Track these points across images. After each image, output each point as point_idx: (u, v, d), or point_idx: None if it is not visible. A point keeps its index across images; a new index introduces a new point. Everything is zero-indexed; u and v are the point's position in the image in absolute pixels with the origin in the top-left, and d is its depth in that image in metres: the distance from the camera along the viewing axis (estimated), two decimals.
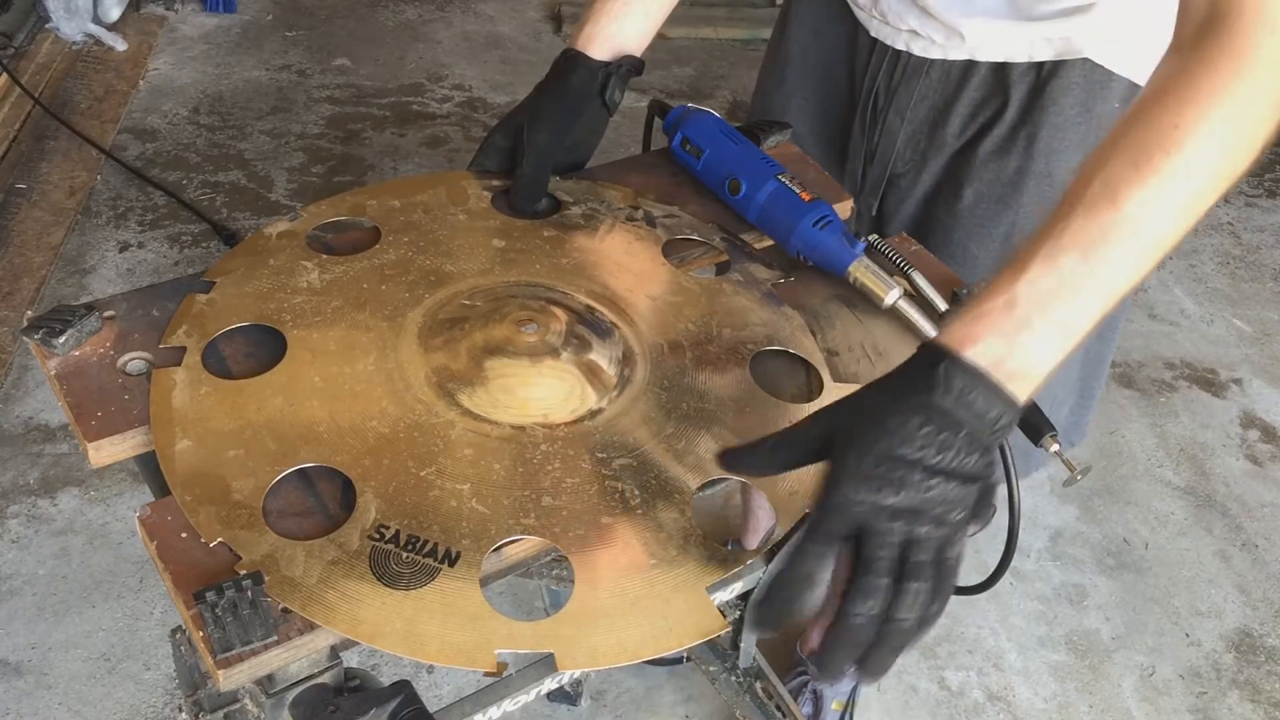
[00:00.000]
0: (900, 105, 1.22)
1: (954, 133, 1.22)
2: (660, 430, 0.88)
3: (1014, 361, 0.73)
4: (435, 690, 1.77)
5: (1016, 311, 0.74)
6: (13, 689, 1.73)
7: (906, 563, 0.70)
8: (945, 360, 0.72)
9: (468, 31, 3.66)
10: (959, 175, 1.23)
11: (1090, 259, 0.74)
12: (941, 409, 0.71)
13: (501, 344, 0.91)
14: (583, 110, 1.12)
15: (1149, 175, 0.75)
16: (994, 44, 1.15)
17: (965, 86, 1.18)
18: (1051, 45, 1.13)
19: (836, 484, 0.71)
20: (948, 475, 0.70)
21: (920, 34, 1.17)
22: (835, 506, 0.70)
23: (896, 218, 1.29)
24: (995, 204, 1.22)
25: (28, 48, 3.14)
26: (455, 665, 0.72)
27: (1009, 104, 1.17)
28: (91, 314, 0.90)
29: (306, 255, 1.01)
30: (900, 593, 0.69)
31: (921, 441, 0.70)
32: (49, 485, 2.04)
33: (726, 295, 1.03)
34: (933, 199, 1.26)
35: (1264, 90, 0.77)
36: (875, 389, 0.75)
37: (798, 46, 1.33)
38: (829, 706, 1.79)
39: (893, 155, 1.26)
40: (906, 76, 1.21)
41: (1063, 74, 1.14)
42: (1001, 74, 1.16)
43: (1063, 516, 2.22)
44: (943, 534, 0.70)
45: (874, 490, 0.69)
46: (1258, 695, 1.93)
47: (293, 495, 0.80)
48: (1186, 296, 2.83)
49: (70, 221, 2.62)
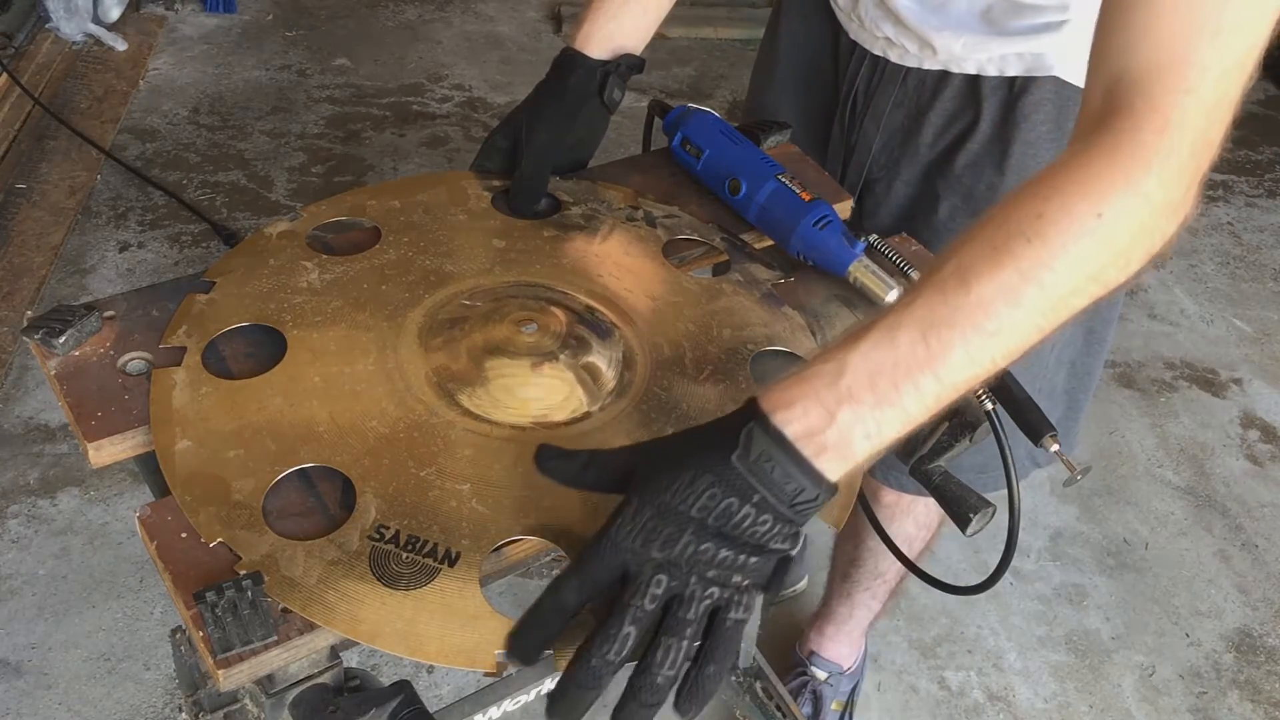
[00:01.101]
0: (876, 110, 1.23)
1: (927, 142, 1.21)
2: (659, 432, 0.88)
3: (832, 434, 0.67)
4: (435, 690, 1.77)
5: (842, 382, 0.68)
6: (13, 689, 1.73)
7: (667, 616, 0.66)
8: (753, 422, 0.67)
9: (468, 31, 3.66)
10: (935, 188, 1.23)
11: (930, 340, 0.68)
12: (735, 473, 0.67)
13: (502, 344, 0.91)
14: (581, 109, 1.12)
15: (1006, 261, 0.68)
16: (965, 58, 1.14)
17: (939, 97, 1.18)
18: (1022, 60, 1.13)
19: (610, 525, 0.68)
20: (730, 540, 0.67)
21: (895, 42, 1.17)
22: (602, 547, 0.67)
23: (873, 222, 1.29)
24: (970, 218, 1.20)
25: (28, 48, 3.14)
26: (455, 665, 0.72)
27: (981, 117, 1.17)
28: (91, 314, 0.90)
29: (306, 255, 1.01)
30: (654, 646, 0.66)
31: (705, 502, 0.67)
32: (49, 485, 2.04)
33: (726, 295, 1.02)
34: (911, 211, 1.26)
35: (1146, 194, 0.70)
36: (686, 437, 0.72)
37: (788, 43, 1.33)
38: (829, 706, 1.79)
39: (868, 160, 1.26)
40: (883, 82, 1.21)
41: (1033, 90, 1.14)
42: (974, 86, 1.16)
43: (1063, 516, 2.22)
44: (719, 596, 0.67)
45: (643, 540, 0.66)
46: (1258, 695, 1.93)
47: (293, 495, 0.80)
48: (1186, 296, 2.83)
49: (70, 221, 2.62)
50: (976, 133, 1.18)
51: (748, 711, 1.46)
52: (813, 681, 1.78)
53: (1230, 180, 3.30)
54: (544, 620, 0.69)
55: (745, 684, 1.46)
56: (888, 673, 1.91)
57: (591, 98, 1.11)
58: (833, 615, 1.76)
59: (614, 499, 0.71)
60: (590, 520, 0.80)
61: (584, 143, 1.15)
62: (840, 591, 1.72)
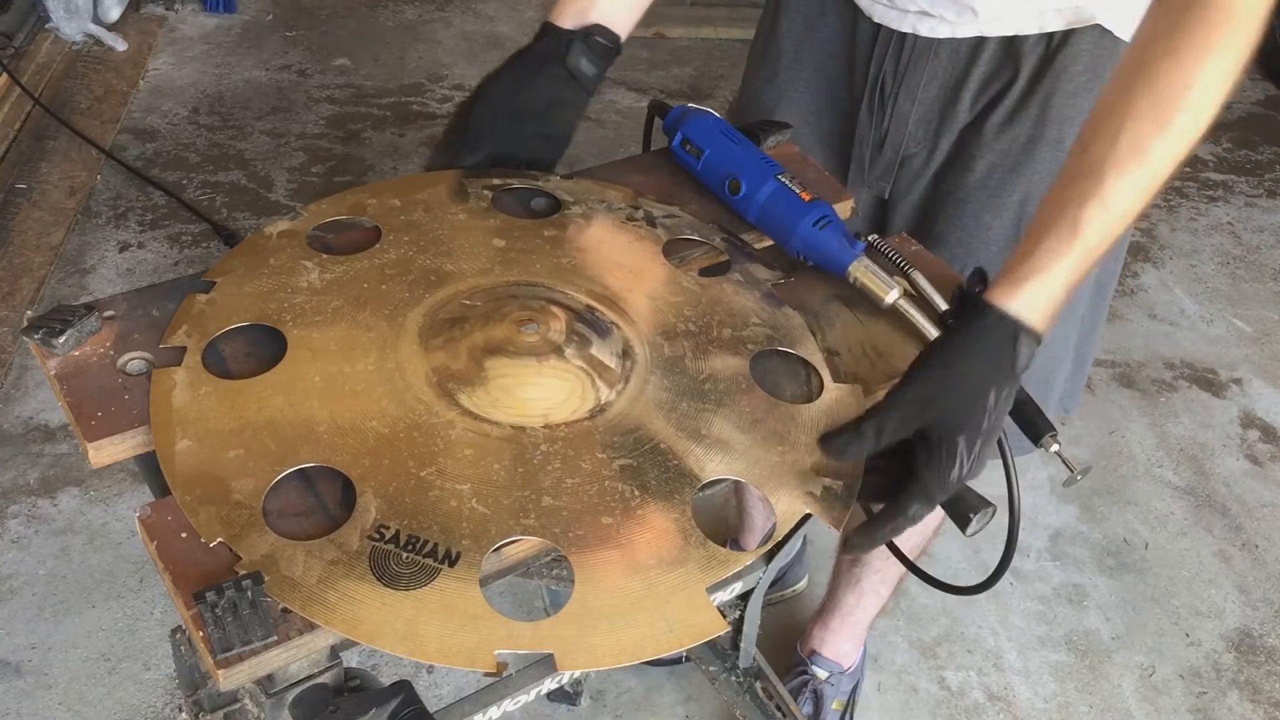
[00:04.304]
0: (910, 88, 1.23)
1: (965, 108, 1.22)
2: (659, 431, 0.88)
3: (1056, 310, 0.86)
4: (435, 690, 1.77)
5: (1071, 276, 0.85)
6: (13, 689, 1.73)
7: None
8: (1021, 335, 0.84)
9: (468, 31, 3.66)
10: (970, 148, 1.23)
11: (1121, 213, 0.86)
12: (1017, 379, 0.85)
13: (502, 344, 0.91)
14: (541, 69, 1.09)
15: (1170, 132, 0.84)
16: (1005, 18, 1.15)
17: (975, 63, 1.19)
18: (1062, 15, 1.14)
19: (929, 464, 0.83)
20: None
21: (930, 13, 1.17)
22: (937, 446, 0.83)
23: (908, 198, 1.30)
24: (1008, 173, 1.22)
25: (28, 48, 3.14)
26: (455, 665, 0.72)
27: (1019, 74, 1.18)
28: (91, 314, 0.90)
29: (307, 255, 1.00)
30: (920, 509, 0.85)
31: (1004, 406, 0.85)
32: (49, 485, 2.04)
33: (726, 295, 1.02)
34: (943, 174, 1.27)
35: (1247, 42, 0.85)
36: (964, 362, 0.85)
37: (789, 42, 1.33)
38: (829, 706, 1.79)
39: (904, 138, 1.26)
40: (914, 60, 1.21)
41: (1073, 42, 1.15)
42: (1012, 47, 1.17)
43: (1063, 516, 2.22)
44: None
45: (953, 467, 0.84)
46: (1258, 695, 1.93)
47: (293, 495, 0.80)
48: (1186, 296, 2.83)
49: (70, 221, 2.62)
50: (1013, 89, 1.19)
51: (748, 711, 1.46)
52: (813, 681, 1.78)
53: (1230, 180, 3.30)
54: (861, 440, 0.85)
55: (745, 684, 1.46)
56: (888, 673, 1.90)
57: (552, 63, 1.09)
58: (839, 605, 1.75)
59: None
60: (589, 517, 0.81)
61: (551, 114, 1.11)
62: (849, 579, 1.71)
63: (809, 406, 0.92)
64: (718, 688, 1.48)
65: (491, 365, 0.90)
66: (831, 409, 0.92)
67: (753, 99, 1.39)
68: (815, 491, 0.85)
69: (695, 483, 0.85)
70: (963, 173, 1.24)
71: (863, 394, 0.94)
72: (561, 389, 0.90)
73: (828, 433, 0.88)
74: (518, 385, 0.89)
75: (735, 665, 1.46)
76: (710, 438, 0.88)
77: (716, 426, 0.89)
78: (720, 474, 0.86)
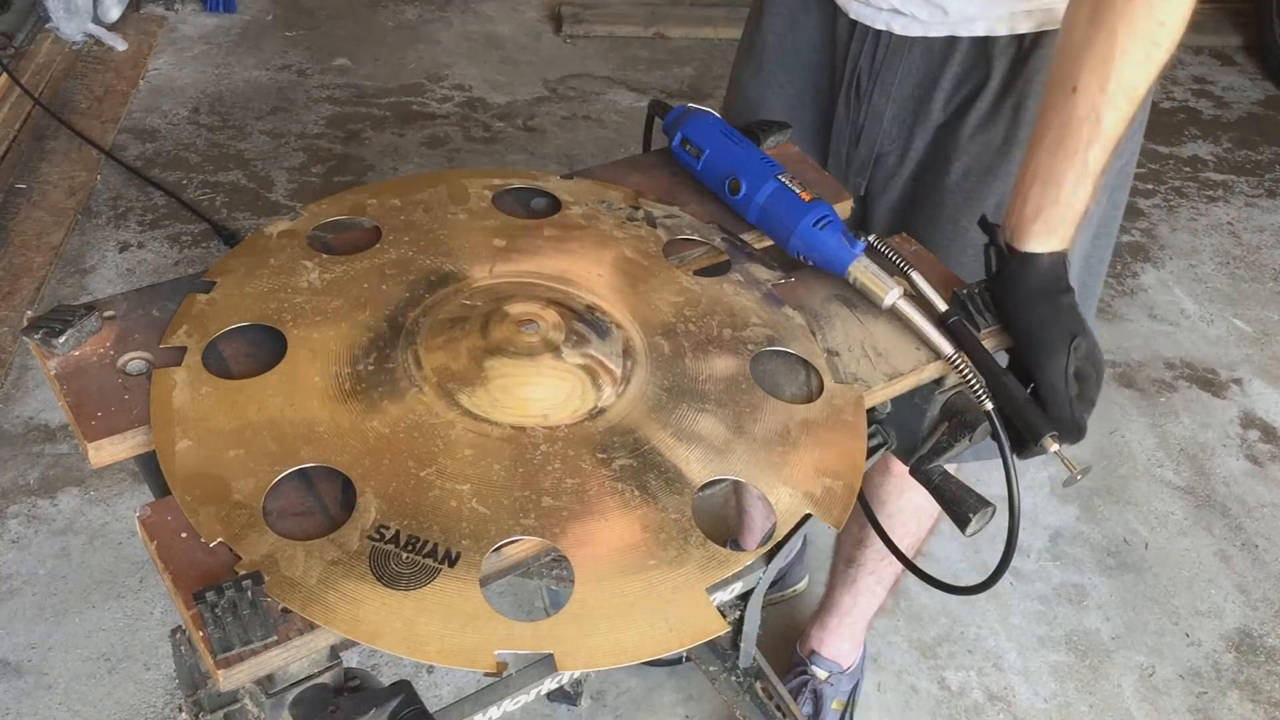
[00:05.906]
0: (885, 85, 1.24)
1: (938, 108, 1.23)
2: (659, 432, 0.88)
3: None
4: (435, 690, 1.77)
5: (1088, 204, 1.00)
6: (13, 689, 1.73)
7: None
8: (1066, 296, 1.00)
9: (468, 31, 3.66)
10: (946, 150, 1.24)
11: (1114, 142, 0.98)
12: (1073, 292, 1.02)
13: (502, 344, 0.91)
14: None
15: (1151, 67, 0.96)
16: (976, 19, 1.16)
17: (948, 63, 1.20)
18: (1033, 17, 1.15)
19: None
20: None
21: (902, 11, 1.18)
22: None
23: (884, 196, 1.31)
24: (983, 175, 1.23)
25: (28, 48, 3.14)
26: (455, 665, 0.72)
27: (991, 76, 1.19)
28: (91, 314, 0.90)
29: (307, 255, 1.01)
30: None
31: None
32: (49, 485, 2.04)
33: (727, 295, 1.02)
34: (919, 176, 1.28)
35: None
36: (1047, 313, 0.99)
37: (774, 36, 1.34)
38: (829, 706, 1.79)
39: (879, 135, 1.27)
40: (889, 56, 1.22)
41: (1045, 44, 1.16)
42: (984, 48, 1.18)
43: (1063, 516, 2.22)
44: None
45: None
46: (1258, 695, 1.93)
47: (293, 495, 0.80)
48: (1186, 296, 2.83)
49: (70, 221, 2.62)
50: (986, 91, 1.20)
51: (748, 711, 1.46)
52: (813, 681, 1.78)
53: (1230, 180, 3.30)
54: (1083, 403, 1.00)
55: (745, 684, 1.46)
56: (888, 673, 1.91)
57: None
58: (836, 606, 1.75)
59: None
60: (589, 517, 0.81)
61: None
62: (845, 579, 1.71)
63: (809, 406, 0.92)
64: (718, 688, 1.48)
65: (491, 365, 0.90)
66: (831, 409, 0.92)
67: (739, 93, 1.40)
68: (815, 491, 0.85)
69: (695, 483, 0.85)
70: (939, 175, 1.25)
71: (863, 394, 0.94)
72: (561, 389, 0.90)
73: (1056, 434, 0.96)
74: (518, 385, 0.89)
75: (735, 665, 1.46)
76: (710, 438, 0.88)
77: (716, 427, 0.89)
78: (720, 474, 0.86)
